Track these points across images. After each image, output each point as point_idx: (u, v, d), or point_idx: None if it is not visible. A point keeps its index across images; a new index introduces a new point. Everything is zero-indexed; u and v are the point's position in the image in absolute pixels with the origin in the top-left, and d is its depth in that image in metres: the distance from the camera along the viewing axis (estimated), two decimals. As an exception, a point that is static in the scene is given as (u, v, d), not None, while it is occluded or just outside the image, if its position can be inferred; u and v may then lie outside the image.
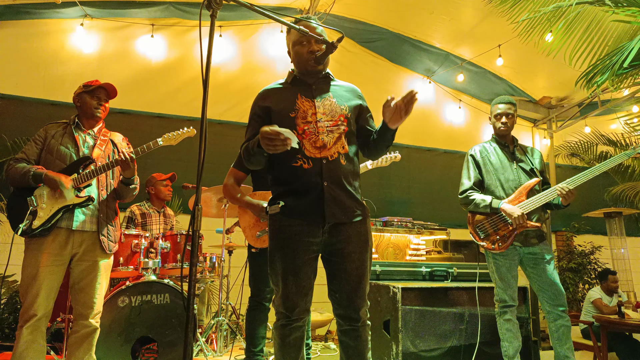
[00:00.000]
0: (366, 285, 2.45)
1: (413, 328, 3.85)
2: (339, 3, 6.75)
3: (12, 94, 6.13)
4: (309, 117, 2.47)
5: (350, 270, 2.41)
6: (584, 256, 8.08)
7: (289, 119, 2.47)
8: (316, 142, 2.43)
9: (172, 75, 6.85)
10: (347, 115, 2.52)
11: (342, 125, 2.49)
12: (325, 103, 2.52)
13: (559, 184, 3.57)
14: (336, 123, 2.48)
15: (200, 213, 1.96)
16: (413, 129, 8.31)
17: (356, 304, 2.41)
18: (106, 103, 3.40)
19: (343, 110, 2.52)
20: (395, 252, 5.16)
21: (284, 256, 2.42)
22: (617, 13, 3.73)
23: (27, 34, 6.35)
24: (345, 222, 2.42)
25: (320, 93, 2.56)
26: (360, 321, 2.42)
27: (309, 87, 2.57)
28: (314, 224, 2.40)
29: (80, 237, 3.10)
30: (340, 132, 2.47)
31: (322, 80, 2.62)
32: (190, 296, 1.81)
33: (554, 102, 8.79)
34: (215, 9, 2.10)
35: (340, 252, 2.41)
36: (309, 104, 2.51)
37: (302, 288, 2.41)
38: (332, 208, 2.39)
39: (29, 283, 2.94)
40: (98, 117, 3.36)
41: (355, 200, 2.48)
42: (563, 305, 3.53)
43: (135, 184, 3.37)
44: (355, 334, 2.42)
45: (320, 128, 2.45)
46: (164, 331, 3.82)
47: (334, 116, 2.49)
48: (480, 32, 7.13)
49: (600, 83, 3.76)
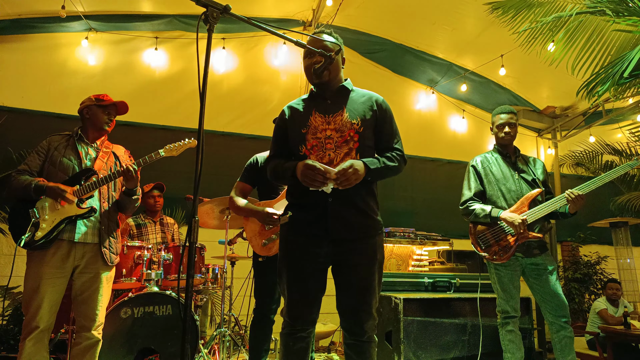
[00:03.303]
0: (372, 299, 2.42)
1: (415, 339, 3.84)
2: (341, 14, 6.77)
3: (18, 107, 6.17)
4: (319, 132, 2.48)
5: (355, 283, 2.40)
6: (590, 266, 8.01)
7: (301, 135, 2.50)
8: (323, 157, 2.44)
9: (175, 88, 6.89)
10: (358, 129, 2.47)
11: (352, 141, 2.46)
12: (337, 118, 2.50)
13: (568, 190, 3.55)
14: (345, 138, 2.46)
15: (197, 225, 1.97)
16: (416, 139, 8.29)
17: (360, 317, 2.39)
18: (114, 118, 3.43)
19: (354, 124, 2.48)
20: (398, 263, 5.15)
21: (290, 266, 2.46)
22: (618, 23, 3.72)
23: (33, 47, 6.40)
24: (356, 239, 2.42)
25: (335, 107, 2.55)
26: (365, 336, 2.40)
27: (325, 101, 2.57)
28: (317, 238, 2.42)
29: (82, 250, 3.11)
30: (349, 147, 2.45)
31: (338, 92, 2.60)
32: (186, 307, 1.82)
33: (558, 111, 8.75)
34: (212, 23, 2.12)
35: (346, 263, 2.42)
36: (321, 120, 2.51)
37: (306, 298, 2.43)
38: (336, 225, 2.40)
39: (31, 296, 2.95)
40: (105, 131, 3.40)
41: (365, 218, 2.45)
42: (566, 316, 3.51)
43: (137, 195, 3.38)
44: (359, 349, 2.41)
45: (329, 144, 2.45)
46: (166, 342, 3.85)
47: (344, 131, 2.47)
48: (483, 43, 7.13)
49: (601, 93, 3.74)
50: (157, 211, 5.50)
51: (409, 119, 8.42)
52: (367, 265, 2.42)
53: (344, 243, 2.41)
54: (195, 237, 1.92)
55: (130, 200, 3.36)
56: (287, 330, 2.47)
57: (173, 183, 5.49)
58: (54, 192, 3.03)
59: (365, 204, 2.45)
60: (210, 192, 4.91)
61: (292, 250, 2.48)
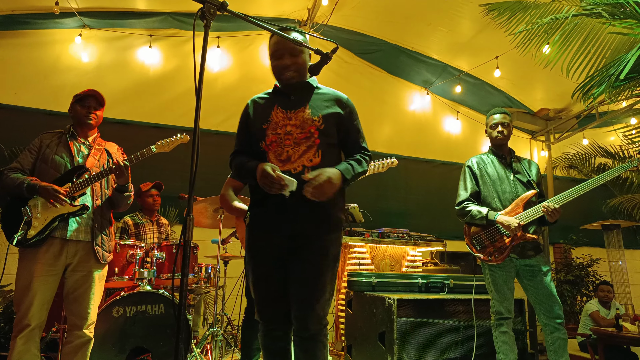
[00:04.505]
0: (319, 296, 2.34)
1: (408, 340, 3.83)
2: (337, 14, 6.77)
3: (10, 104, 6.12)
4: (279, 128, 2.44)
5: (303, 277, 2.35)
6: (582, 268, 8.04)
7: (261, 130, 2.47)
8: (281, 154, 2.39)
9: (169, 86, 6.87)
10: (319, 126, 2.42)
11: (313, 137, 2.40)
12: (298, 114, 2.45)
13: (545, 202, 3.57)
14: (306, 135, 2.40)
15: (192, 223, 1.95)
16: (410, 140, 8.33)
17: (303, 311, 2.32)
18: (97, 111, 3.38)
19: (315, 121, 2.42)
20: (392, 264, 5.15)
21: (254, 264, 2.45)
22: (614, 25, 3.73)
23: (26, 44, 6.35)
24: (310, 235, 2.37)
25: (297, 103, 2.50)
26: (308, 333, 2.33)
27: (288, 97, 2.54)
28: (277, 234, 2.40)
29: (74, 247, 3.10)
30: (309, 144, 2.39)
31: (302, 89, 2.56)
32: (180, 306, 1.80)
33: (552, 114, 8.79)
34: (209, 19, 2.10)
35: (298, 258, 2.37)
36: (282, 115, 2.47)
37: (271, 296, 2.41)
38: (292, 221, 2.36)
39: (22, 293, 2.94)
40: (90, 125, 3.35)
41: (323, 214, 2.39)
42: (560, 317, 3.51)
43: (129, 191, 3.36)
44: (303, 346, 2.34)
45: (287, 140, 2.41)
46: (158, 341, 3.84)
47: (304, 128, 2.41)
48: (478, 44, 7.15)
49: (596, 95, 3.75)
50: (155, 210, 5.51)
51: (404, 119, 8.44)
52: (318, 261, 2.35)
53: (299, 238, 2.36)
54: (190, 235, 1.91)
55: (122, 196, 3.34)
56: (262, 330, 2.46)
57: (166, 182, 5.47)
58: (47, 192, 3.01)
59: (329, 200, 2.35)
60: (203, 190, 4.88)
61: (253, 248, 2.47)
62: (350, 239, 4.94)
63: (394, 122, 8.35)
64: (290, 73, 2.48)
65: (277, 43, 2.49)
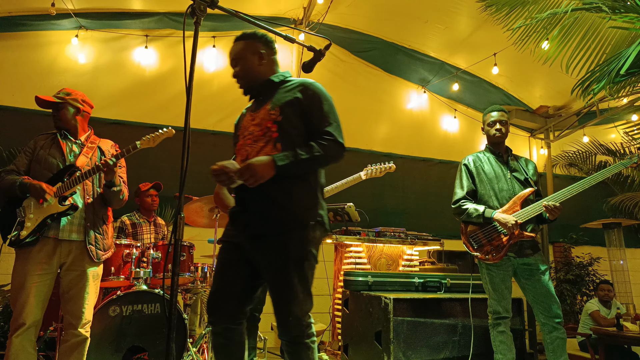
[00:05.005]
0: (289, 299, 2.24)
1: (405, 339, 3.81)
2: (332, 12, 6.74)
3: (8, 105, 6.14)
4: (245, 131, 2.46)
5: (269, 279, 2.30)
6: (582, 268, 8.00)
7: (236, 137, 2.54)
8: (243, 155, 2.40)
9: (165, 86, 6.86)
10: (276, 119, 2.35)
11: (270, 132, 2.35)
12: (260, 113, 2.43)
13: (545, 198, 3.53)
14: (263, 131, 2.37)
15: (183, 222, 1.95)
16: (408, 139, 8.31)
17: (277, 316, 2.27)
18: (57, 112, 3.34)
19: (272, 115, 2.36)
20: (388, 263, 5.12)
21: (217, 259, 2.45)
22: (615, 19, 3.67)
23: (23, 45, 6.37)
24: (267, 234, 2.31)
25: (262, 103, 2.49)
26: (289, 337, 2.26)
27: (257, 99, 2.56)
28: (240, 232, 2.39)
29: (68, 247, 3.13)
30: (267, 139, 2.35)
31: (266, 87, 2.53)
32: (172, 306, 1.79)
33: (551, 111, 8.73)
34: (199, 16, 2.11)
35: (261, 260, 2.32)
36: (249, 118, 2.49)
37: (222, 290, 2.38)
38: (251, 220, 2.33)
39: (17, 292, 2.98)
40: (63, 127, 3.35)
41: (283, 211, 2.31)
42: (558, 316, 3.48)
43: (117, 186, 3.31)
44: (288, 350, 2.30)
45: (248, 140, 2.41)
46: (154, 340, 3.87)
47: (262, 124, 2.38)
48: (476, 41, 7.11)
49: (596, 91, 3.69)
50: (153, 210, 5.52)
51: (401, 118, 8.41)
52: (280, 262, 2.25)
53: (260, 238, 2.30)
54: (180, 234, 1.90)
55: (111, 192, 3.30)
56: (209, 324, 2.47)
57: (163, 182, 5.45)
58: (35, 191, 3.04)
59: (287, 197, 2.30)
60: (200, 190, 4.87)
61: (221, 244, 2.48)
62: (347, 238, 4.92)
63: (391, 121, 8.33)
64: (240, 81, 2.53)
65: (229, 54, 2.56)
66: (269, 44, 2.59)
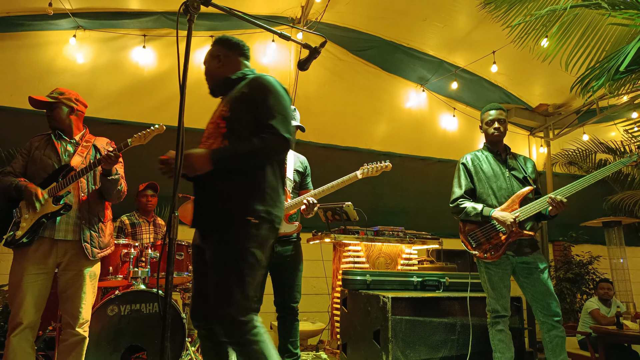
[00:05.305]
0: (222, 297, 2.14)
1: (403, 338, 3.79)
2: (330, 11, 6.73)
3: (6, 106, 6.13)
4: (206, 130, 2.49)
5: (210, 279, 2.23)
6: (582, 266, 7.98)
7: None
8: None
9: (164, 86, 6.85)
10: (225, 115, 2.35)
11: (219, 128, 2.35)
12: (216, 112, 2.49)
13: (551, 193, 3.51)
14: (215, 127, 2.39)
15: (177, 221, 1.95)
16: (406, 138, 8.30)
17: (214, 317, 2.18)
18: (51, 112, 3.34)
19: (223, 112, 2.38)
20: (387, 262, 5.11)
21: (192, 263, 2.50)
22: (614, 16, 3.66)
23: (21, 45, 6.37)
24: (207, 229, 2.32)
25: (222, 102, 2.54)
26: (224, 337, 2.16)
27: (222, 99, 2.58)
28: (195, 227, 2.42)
29: (63, 247, 3.15)
30: (216, 135, 2.35)
31: (225, 86, 2.56)
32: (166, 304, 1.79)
33: (551, 109, 8.70)
34: (193, 13, 2.12)
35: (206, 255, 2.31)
36: (211, 119, 2.51)
37: (198, 295, 2.40)
38: (197, 215, 2.35)
39: (14, 292, 3.01)
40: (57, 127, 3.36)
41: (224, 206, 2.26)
42: (557, 315, 3.46)
43: (115, 175, 3.28)
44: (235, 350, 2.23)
45: (204, 138, 2.43)
46: (152, 340, 3.88)
47: (215, 121, 2.41)
48: (475, 39, 7.09)
49: (596, 89, 3.67)
50: (149, 211, 5.54)
51: (399, 117, 8.40)
52: (215, 259, 2.22)
53: (204, 234, 2.33)
54: (175, 233, 1.90)
55: (109, 181, 3.25)
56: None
57: (162, 182, 5.44)
58: (27, 196, 3.05)
59: (227, 192, 2.26)
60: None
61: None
62: (345, 237, 4.91)
63: (389, 119, 8.32)
64: (208, 84, 2.63)
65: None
66: (231, 46, 2.64)
